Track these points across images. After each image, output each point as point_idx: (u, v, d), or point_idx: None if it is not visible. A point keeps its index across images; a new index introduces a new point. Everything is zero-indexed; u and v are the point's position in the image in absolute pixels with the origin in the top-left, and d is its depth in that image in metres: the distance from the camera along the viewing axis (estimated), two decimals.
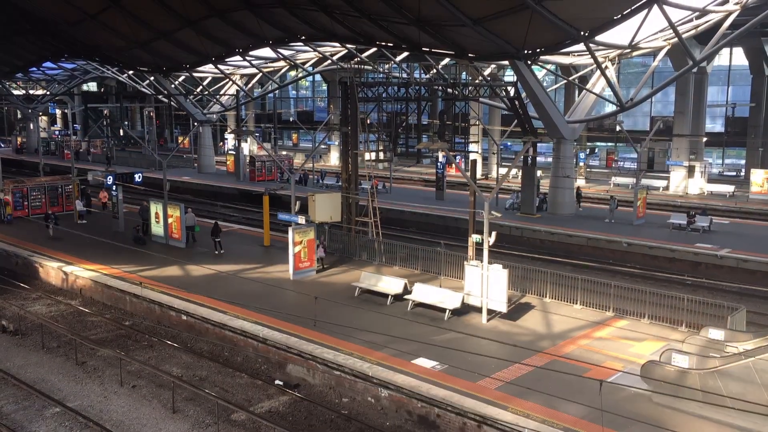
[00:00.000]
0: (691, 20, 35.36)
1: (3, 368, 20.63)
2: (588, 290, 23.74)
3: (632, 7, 27.67)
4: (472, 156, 50.68)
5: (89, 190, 43.87)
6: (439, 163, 49.26)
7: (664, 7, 27.66)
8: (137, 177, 37.74)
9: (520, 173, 47.19)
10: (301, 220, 28.18)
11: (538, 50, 33.17)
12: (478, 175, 53.47)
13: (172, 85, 63.50)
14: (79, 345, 22.01)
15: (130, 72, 64.55)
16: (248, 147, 73.55)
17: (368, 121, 36.09)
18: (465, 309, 23.05)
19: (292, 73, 66.04)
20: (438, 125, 42.16)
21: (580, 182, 53.26)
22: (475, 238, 23.97)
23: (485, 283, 22.17)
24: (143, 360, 21.33)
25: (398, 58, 48.27)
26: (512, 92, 39.52)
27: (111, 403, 18.44)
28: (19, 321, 24.87)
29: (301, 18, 37.27)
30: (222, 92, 63.31)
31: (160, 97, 69.43)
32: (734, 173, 59.67)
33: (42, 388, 19.25)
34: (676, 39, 31.60)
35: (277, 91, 75.23)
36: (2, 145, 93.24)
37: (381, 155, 39.38)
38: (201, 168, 65.17)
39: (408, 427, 17.28)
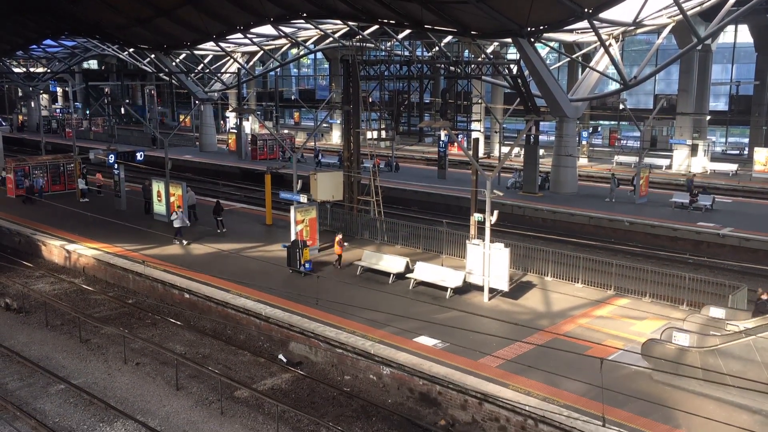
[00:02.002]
0: None
1: (7, 346, 20.79)
2: (589, 269, 23.78)
3: None
4: (474, 135, 50.65)
5: (85, 170, 43.81)
6: (441, 142, 49.11)
7: None
8: (139, 156, 37.67)
9: (522, 152, 47.06)
10: (303, 198, 28.17)
11: (541, 28, 32.89)
12: (480, 153, 53.32)
13: (173, 63, 63.15)
14: (83, 323, 22.15)
15: (131, 50, 64.15)
16: (250, 125, 73.32)
17: (370, 100, 35.84)
18: (466, 288, 23.11)
19: (294, 51, 65.59)
20: (440, 104, 41.93)
21: (582, 161, 53.18)
22: (477, 216, 23.97)
23: (487, 261, 22.20)
24: (147, 338, 21.48)
25: (400, 36, 47.93)
26: (515, 70, 39.23)
27: (115, 381, 18.60)
28: (23, 299, 24.99)
29: None
30: (223, 70, 63.00)
31: (161, 75, 69.07)
32: (737, 152, 59.43)
33: (46, 366, 19.41)
34: (680, 16, 31.32)
35: (278, 69, 74.78)
36: (3, 124, 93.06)
37: (383, 134, 39.23)
38: (202, 147, 65.04)
39: (410, 404, 17.42)
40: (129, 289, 26.51)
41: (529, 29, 32.81)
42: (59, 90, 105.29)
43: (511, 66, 39.83)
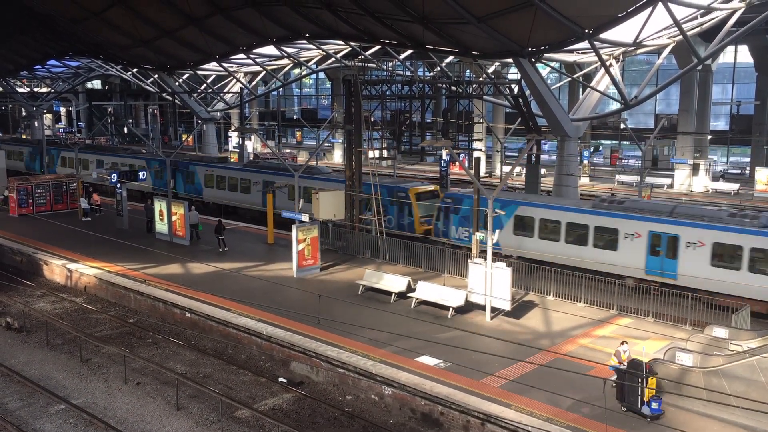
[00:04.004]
0: (695, 18, 35.22)
1: (8, 365, 20.71)
2: (591, 288, 23.73)
3: (637, 5, 27.57)
4: (475, 154, 50.81)
5: (90, 188, 43.96)
6: (442, 161, 49.23)
7: (669, 4, 27.57)
8: (141, 175, 37.80)
9: (524, 171, 47.12)
10: (305, 217, 28.20)
11: (542, 48, 33.06)
12: (482, 172, 53.37)
13: (176, 83, 63.56)
14: (84, 342, 22.08)
15: (134, 70, 64.65)
16: (252, 145, 73.57)
17: (372, 119, 36.05)
18: (468, 307, 23.05)
19: (296, 71, 66.10)
20: (442, 123, 42.15)
21: (584, 180, 53.25)
22: (478, 236, 23.96)
23: (489, 281, 22.16)
24: (147, 357, 21.39)
25: (402, 56, 48.25)
26: (516, 90, 39.43)
27: (115, 400, 18.50)
28: (24, 318, 24.94)
29: (306, 16, 37.25)
30: (226, 90, 63.40)
31: (164, 94, 69.49)
32: (739, 171, 59.53)
33: (47, 385, 19.32)
34: (680, 37, 31.51)
35: (280, 89, 75.23)
36: None
37: (384, 153, 39.42)
38: None
39: (411, 424, 17.30)
40: (130, 308, 26.45)
41: (529, 50, 32.98)
42: (63, 110, 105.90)
43: (512, 86, 40.04)
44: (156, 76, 63.66)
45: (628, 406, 15.92)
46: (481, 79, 47.24)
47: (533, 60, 36.11)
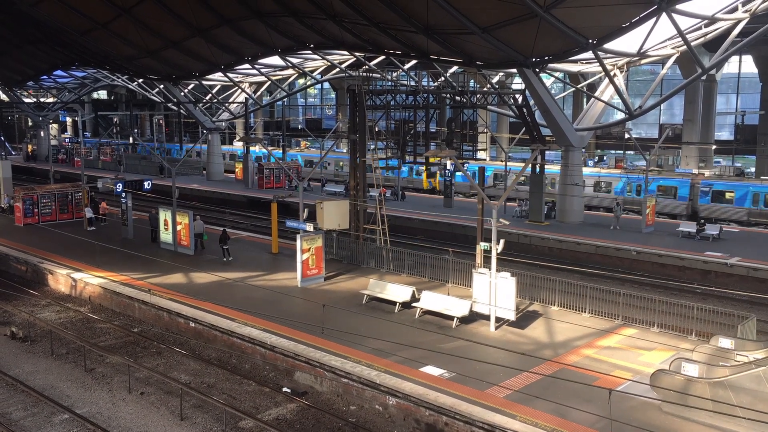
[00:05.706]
0: (699, 28, 35.31)
1: (12, 375, 20.73)
2: (596, 298, 23.64)
3: (640, 16, 27.66)
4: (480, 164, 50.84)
5: (97, 198, 44.13)
6: (446, 171, 49.27)
7: (673, 15, 27.64)
8: (146, 184, 37.91)
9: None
10: (309, 227, 28.23)
11: (546, 58, 33.17)
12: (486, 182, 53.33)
13: (182, 93, 63.84)
14: (88, 352, 22.10)
15: (140, 80, 64.97)
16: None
17: (376, 129, 36.19)
18: (473, 317, 23.00)
19: (301, 81, 66.35)
20: (446, 133, 42.23)
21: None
22: (483, 245, 23.94)
23: (493, 291, 22.12)
24: (151, 367, 21.38)
25: (406, 66, 48.43)
26: (520, 100, 39.58)
27: (119, 410, 18.49)
28: (29, 328, 24.98)
29: (310, 27, 37.46)
30: (231, 100, 63.66)
31: (169, 104, 69.78)
32: None
33: (51, 395, 19.32)
34: (684, 47, 31.56)
35: (285, 99, 75.46)
36: (13, 153, 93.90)
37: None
38: (209, 175, 65.44)
39: None
40: (135, 317, 26.47)
41: (533, 60, 33.09)
42: (68, 120, 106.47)
43: (516, 96, 40.19)
44: (161, 86, 63.96)
45: None
46: (485, 88, 47.35)
47: (537, 70, 36.24)
